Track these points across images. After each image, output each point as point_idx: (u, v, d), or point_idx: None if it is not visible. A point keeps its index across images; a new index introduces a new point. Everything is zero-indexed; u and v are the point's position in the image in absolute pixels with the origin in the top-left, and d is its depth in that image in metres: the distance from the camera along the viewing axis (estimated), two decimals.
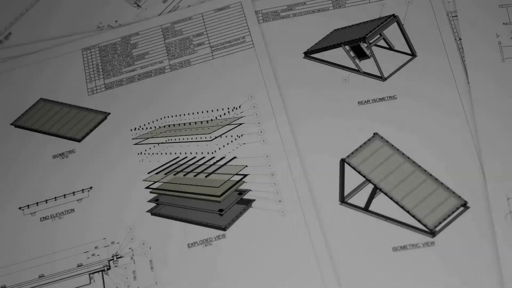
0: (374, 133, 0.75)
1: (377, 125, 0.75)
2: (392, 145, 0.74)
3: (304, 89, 0.78)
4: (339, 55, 0.79)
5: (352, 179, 0.73)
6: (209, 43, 0.82)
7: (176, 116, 0.79)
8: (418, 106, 0.75)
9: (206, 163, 0.76)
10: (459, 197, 0.70)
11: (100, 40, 0.85)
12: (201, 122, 0.78)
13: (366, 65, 0.79)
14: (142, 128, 0.79)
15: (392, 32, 0.80)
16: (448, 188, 0.71)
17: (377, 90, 0.77)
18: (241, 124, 0.77)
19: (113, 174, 0.77)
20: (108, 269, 0.72)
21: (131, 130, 0.79)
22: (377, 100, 0.76)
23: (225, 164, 0.75)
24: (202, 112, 0.79)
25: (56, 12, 0.88)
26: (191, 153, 0.77)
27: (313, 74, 0.79)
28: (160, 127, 0.79)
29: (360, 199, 0.72)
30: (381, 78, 0.77)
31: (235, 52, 0.81)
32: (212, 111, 0.78)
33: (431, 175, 0.72)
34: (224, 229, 0.72)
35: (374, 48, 0.79)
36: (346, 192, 0.73)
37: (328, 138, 0.75)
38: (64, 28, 0.87)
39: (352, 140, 0.75)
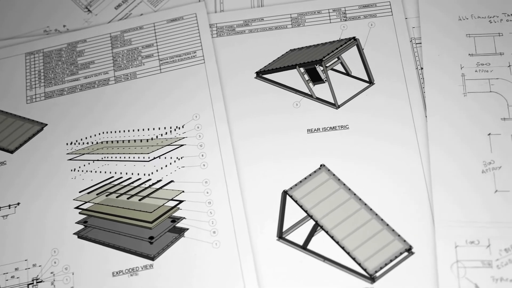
0: (321, 165, 0.70)
1: (325, 156, 0.70)
2: (339, 179, 0.69)
3: (253, 113, 0.73)
4: (293, 77, 0.74)
5: (293, 213, 0.68)
6: (158, 55, 0.77)
7: (115, 132, 0.74)
8: (370, 139, 0.70)
9: (141, 185, 0.71)
10: (404, 241, 0.65)
11: (46, 45, 0.80)
12: (141, 141, 0.73)
13: (320, 90, 0.73)
14: (79, 143, 0.74)
15: (350, 56, 0.74)
16: (393, 230, 0.66)
17: (329, 118, 0.72)
18: (182, 145, 0.72)
19: (43, 191, 0.72)
20: None
21: (67, 144, 0.74)
22: (328, 129, 0.71)
23: (161, 187, 0.71)
24: (143, 129, 0.74)
25: (2, 13, 0.83)
26: (126, 173, 0.72)
27: (264, 96, 0.74)
28: (97, 143, 0.74)
29: (299, 235, 0.67)
30: (334, 105, 0.72)
31: (185, 67, 0.76)
32: (154, 129, 0.74)
33: (376, 214, 0.67)
34: (152, 258, 0.67)
35: (330, 72, 0.74)
36: (285, 227, 0.68)
37: (272, 167, 0.70)
38: (9, 30, 0.82)
39: (297, 170, 0.70)
